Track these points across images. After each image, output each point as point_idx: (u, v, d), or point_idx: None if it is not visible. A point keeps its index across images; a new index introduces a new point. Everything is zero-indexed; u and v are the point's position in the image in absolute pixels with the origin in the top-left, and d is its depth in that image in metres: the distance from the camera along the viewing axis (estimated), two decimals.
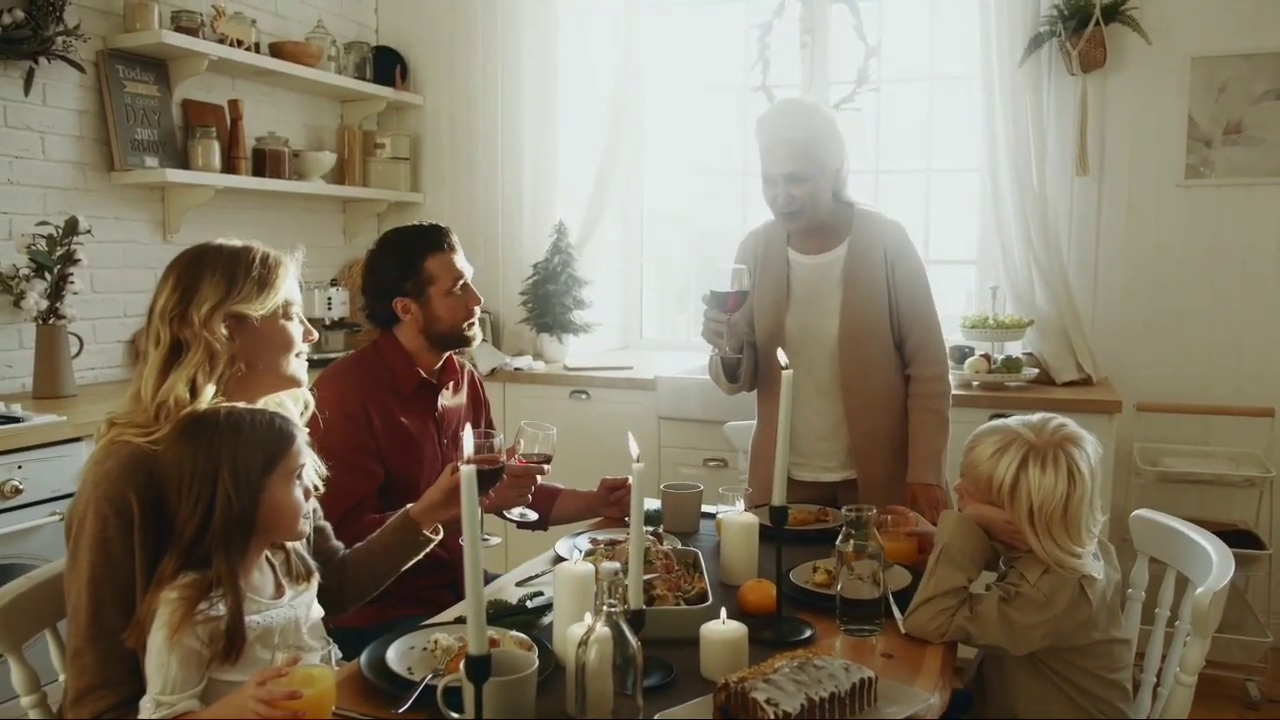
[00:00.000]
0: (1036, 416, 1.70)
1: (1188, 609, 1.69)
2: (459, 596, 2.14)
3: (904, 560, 1.92)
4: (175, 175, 3.36)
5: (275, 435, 1.43)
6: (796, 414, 2.26)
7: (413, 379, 2.19)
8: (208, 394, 1.48)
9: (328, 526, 1.79)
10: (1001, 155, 3.55)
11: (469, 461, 1.13)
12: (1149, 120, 3.56)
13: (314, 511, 1.53)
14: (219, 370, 1.49)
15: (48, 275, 3.00)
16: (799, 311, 2.41)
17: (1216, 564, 1.69)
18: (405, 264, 2.16)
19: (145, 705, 1.32)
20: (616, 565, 1.24)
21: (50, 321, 3.00)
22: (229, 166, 3.61)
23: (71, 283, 3.03)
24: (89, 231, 3.07)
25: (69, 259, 3.02)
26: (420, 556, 1.83)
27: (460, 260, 2.21)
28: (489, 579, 2.23)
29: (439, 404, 2.25)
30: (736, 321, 2.34)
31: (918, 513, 2.14)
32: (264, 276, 1.56)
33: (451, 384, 2.30)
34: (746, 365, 2.44)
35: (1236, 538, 2.93)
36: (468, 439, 1.19)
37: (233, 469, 1.37)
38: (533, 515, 2.15)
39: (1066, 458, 1.61)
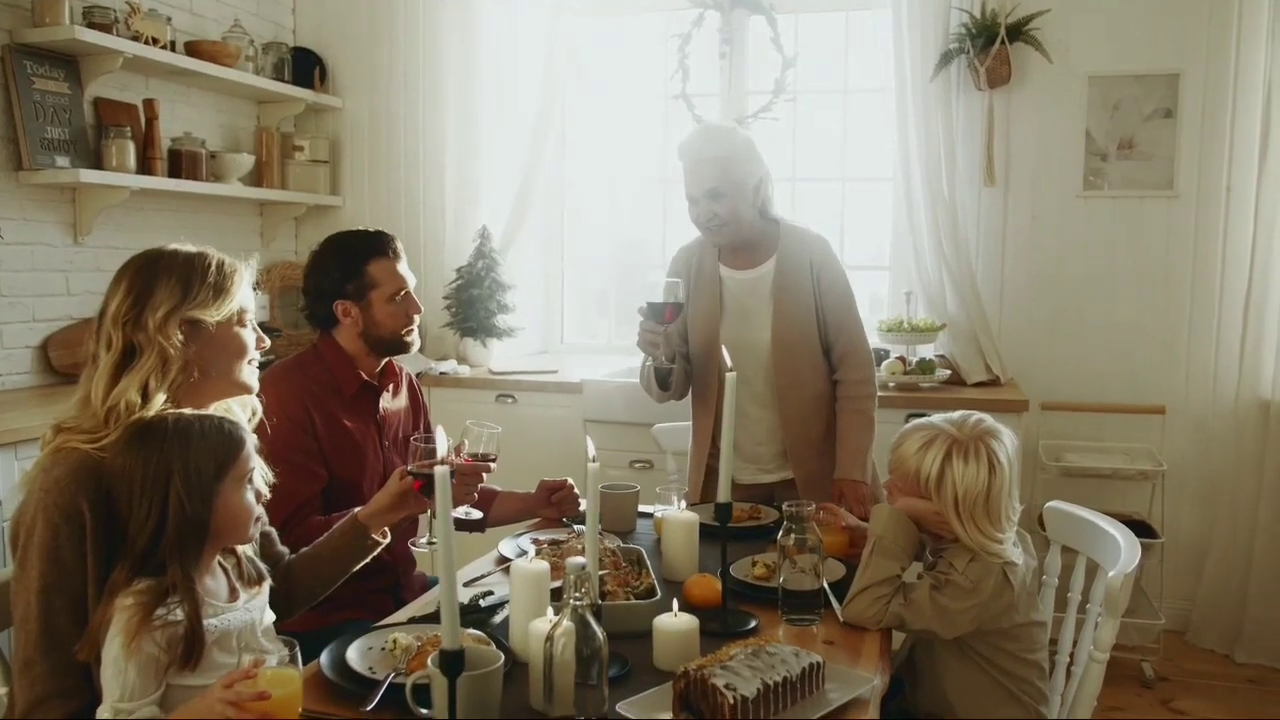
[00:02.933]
0: (958, 414, 1.81)
1: (1099, 592, 1.81)
2: (400, 602, 2.15)
3: (836, 553, 2.01)
4: (89, 176, 3.27)
5: (225, 440, 1.43)
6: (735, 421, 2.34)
7: (354, 381, 2.19)
8: (158, 400, 1.46)
9: (273, 531, 1.79)
10: (914, 166, 3.71)
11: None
12: (1050, 135, 3.77)
13: (260, 517, 1.53)
14: (171, 376, 1.48)
15: None
16: (732, 325, 2.51)
17: (1125, 549, 1.83)
18: (348, 267, 2.17)
19: (102, 713, 1.31)
20: (583, 560, 1.28)
21: None
22: (144, 167, 3.51)
23: None
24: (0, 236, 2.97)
25: None
26: (368, 560, 1.84)
27: (404, 268, 2.22)
28: (431, 583, 2.25)
29: (380, 407, 2.25)
30: (671, 332, 2.44)
31: (845, 508, 2.24)
32: (220, 283, 1.56)
33: (392, 386, 2.30)
34: (678, 375, 2.52)
35: (1131, 528, 3.10)
36: (440, 439, 1.22)
37: (184, 475, 1.37)
38: (477, 514, 2.17)
39: (987, 450, 1.72)
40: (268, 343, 1.67)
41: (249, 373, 1.62)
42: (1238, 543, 3.55)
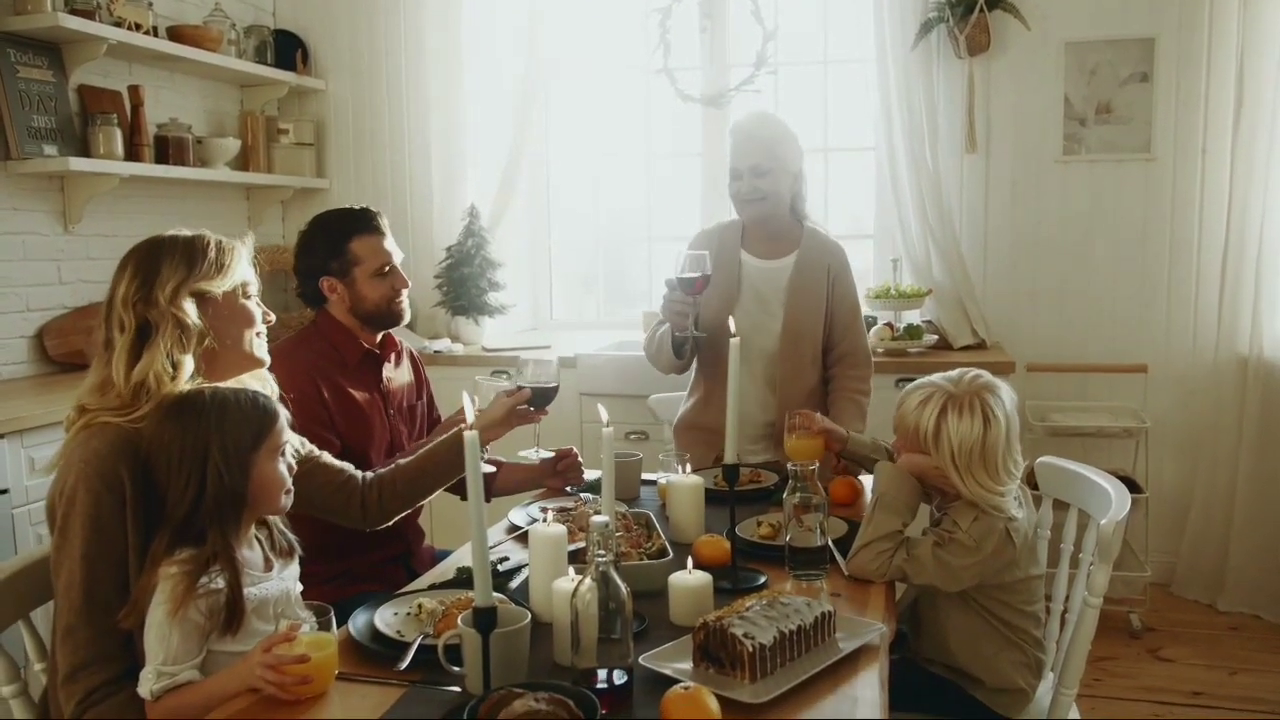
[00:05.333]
0: (955, 371, 1.87)
1: (1091, 541, 1.88)
2: (412, 572, 2.22)
3: (814, 456, 2.09)
4: (79, 164, 3.26)
5: (260, 413, 1.48)
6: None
7: (356, 350, 2.25)
8: (186, 369, 1.51)
9: (326, 458, 1.88)
10: (896, 134, 3.76)
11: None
12: (1029, 101, 3.82)
13: (290, 489, 1.57)
14: (192, 345, 1.53)
15: None
16: (746, 308, 2.58)
17: (1115, 499, 1.89)
18: (332, 244, 2.21)
19: (146, 676, 1.36)
20: (606, 519, 1.33)
21: None
22: (131, 154, 3.52)
23: None
24: None
25: None
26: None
27: (389, 244, 2.26)
28: (439, 555, 2.30)
29: (384, 376, 2.31)
30: (700, 303, 2.47)
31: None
32: (220, 258, 1.61)
33: (394, 356, 2.36)
34: (691, 345, 2.56)
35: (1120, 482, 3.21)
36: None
37: (222, 446, 1.42)
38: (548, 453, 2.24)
39: (981, 403, 1.78)
40: (273, 317, 1.72)
41: (259, 344, 1.68)
42: (1219, 496, 3.65)
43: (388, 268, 2.23)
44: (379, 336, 2.30)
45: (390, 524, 1.97)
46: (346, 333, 2.25)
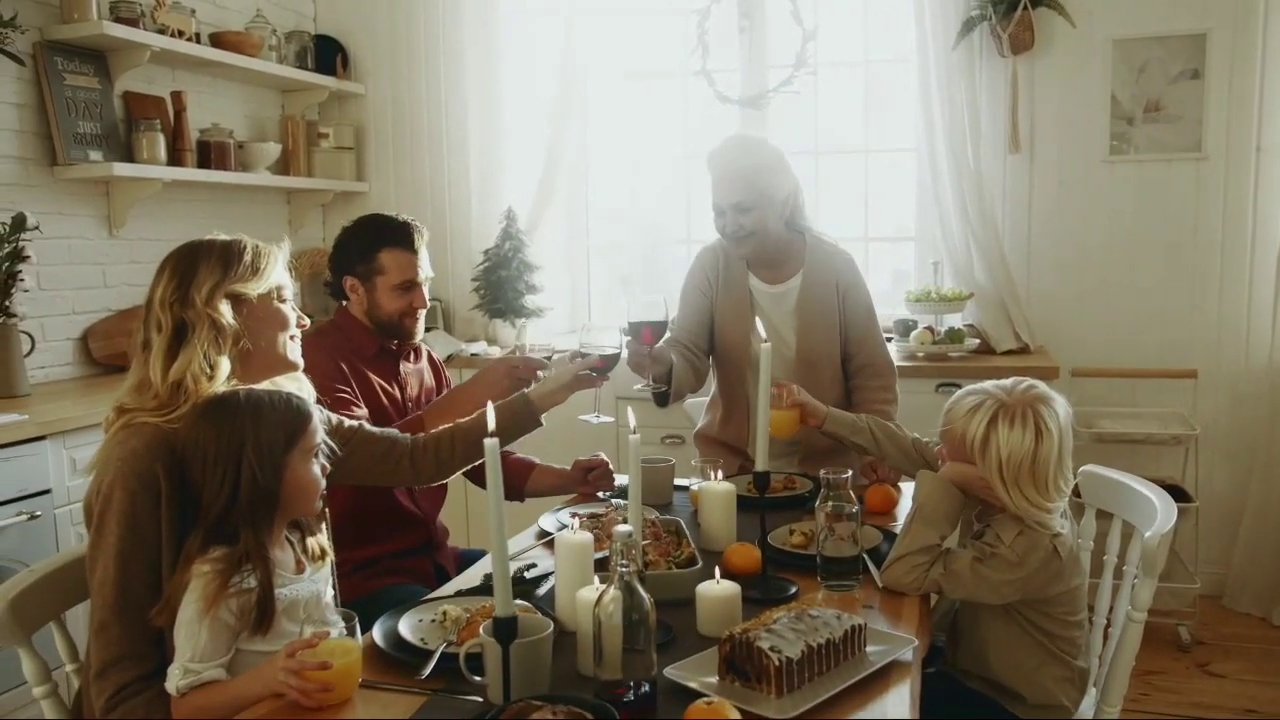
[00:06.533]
0: (1010, 380, 1.80)
1: (1135, 554, 1.82)
2: (438, 567, 2.27)
3: (789, 429, 2.08)
4: (122, 169, 3.32)
5: (294, 414, 1.49)
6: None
7: (373, 345, 2.30)
8: (223, 370, 1.53)
9: (367, 429, 1.91)
10: (938, 135, 3.70)
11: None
12: (1075, 100, 3.74)
13: (324, 490, 1.58)
14: (228, 346, 1.54)
15: None
16: (760, 333, 2.50)
17: (1160, 510, 1.83)
18: (363, 248, 2.27)
19: (173, 672, 1.37)
20: (629, 528, 1.30)
21: (1, 321, 2.95)
22: (174, 159, 3.57)
23: (21, 280, 2.97)
24: (37, 228, 3.01)
25: (17, 256, 2.96)
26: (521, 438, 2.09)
27: (419, 262, 2.29)
28: (476, 556, 2.30)
29: (401, 369, 2.36)
30: (660, 352, 2.30)
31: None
32: (255, 262, 1.63)
33: (412, 353, 2.41)
34: (679, 378, 2.43)
35: (1166, 492, 3.12)
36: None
37: (256, 447, 1.43)
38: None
39: (1035, 415, 1.70)
40: (307, 322, 1.73)
41: (292, 348, 1.69)
42: (1272, 505, 3.53)
43: (410, 284, 2.27)
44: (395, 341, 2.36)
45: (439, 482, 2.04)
46: (364, 330, 2.31)
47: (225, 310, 1.55)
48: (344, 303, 2.33)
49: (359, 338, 2.29)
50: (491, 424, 1.22)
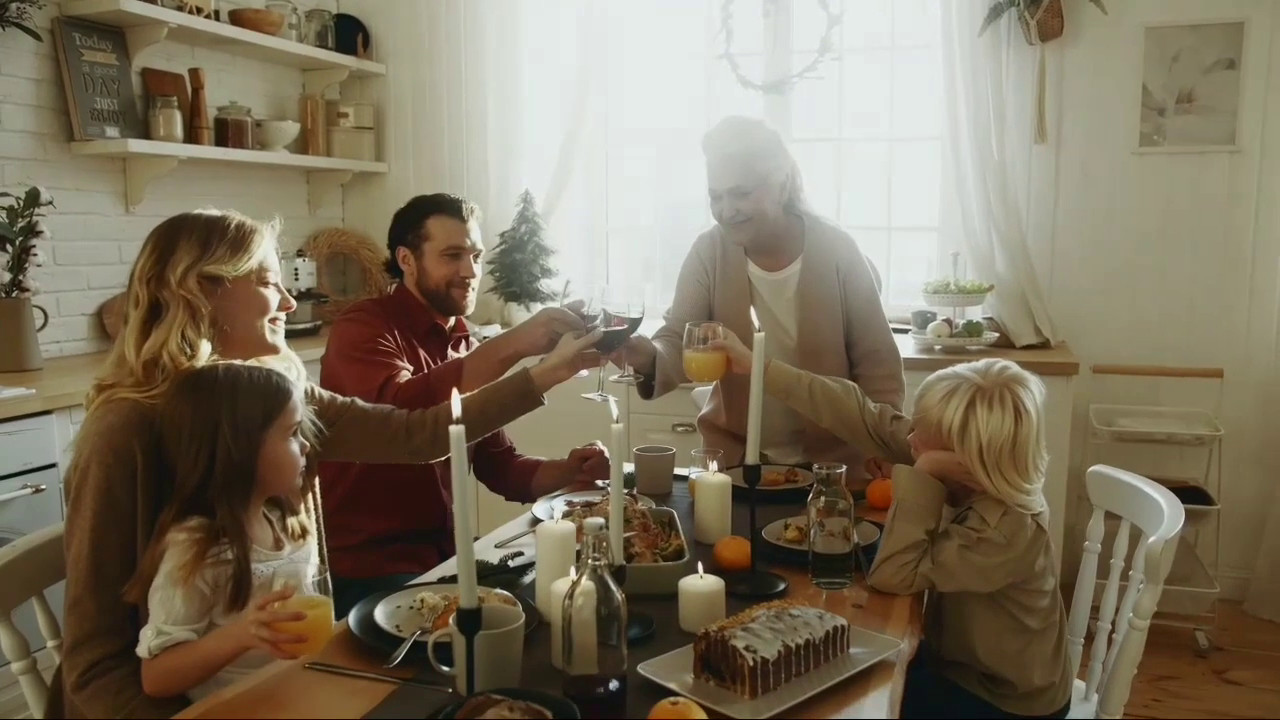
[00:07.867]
0: (981, 362, 1.74)
1: (1141, 559, 1.77)
2: (444, 555, 2.21)
3: (711, 373, 2.05)
4: (138, 145, 3.32)
5: (273, 391, 1.48)
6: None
7: (426, 321, 2.34)
8: (204, 350, 1.51)
9: (360, 405, 1.89)
10: (962, 123, 3.62)
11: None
12: (1105, 89, 3.64)
13: (304, 469, 1.56)
14: (203, 327, 1.52)
15: (9, 247, 2.96)
16: (761, 322, 2.45)
17: (1168, 514, 1.77)
18: (413, 218, 2.34)
19: (145, 633, 1.37)
20: (601, 520, 1.28)
21: (14, 294, 2.97)
22: (191, 136, 3.57)
23: (35, 254, 2.99)
24: (50, 203, 3.02)
25: (31, 231, 2.98)
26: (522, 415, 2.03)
27: (469, 229, 2.34)
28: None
29: (448, 353, 2.39)
30: (639, 342, 2.23)
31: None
32: (238, 240, 1.59)
33: (463, 342, 2.45)
34: (667, 374, 2.36)
35: (1187, 494, 3.04)
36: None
37: (232, 423, 1.42)
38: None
39: (1013, 396, 1.66)
40: (293, 305, 1.70)
41: (271, 331, 1.65)
42: None
43: (457, 250, 2.31)
44: (451, 320, 2.39)
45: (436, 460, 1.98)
46: (419, 305, 2.35)
47: (199, 291, 1.52)
48: (399, 280, 2.38)
49: (414, 312, 2.34)
50: (457, 410, 1.20)
